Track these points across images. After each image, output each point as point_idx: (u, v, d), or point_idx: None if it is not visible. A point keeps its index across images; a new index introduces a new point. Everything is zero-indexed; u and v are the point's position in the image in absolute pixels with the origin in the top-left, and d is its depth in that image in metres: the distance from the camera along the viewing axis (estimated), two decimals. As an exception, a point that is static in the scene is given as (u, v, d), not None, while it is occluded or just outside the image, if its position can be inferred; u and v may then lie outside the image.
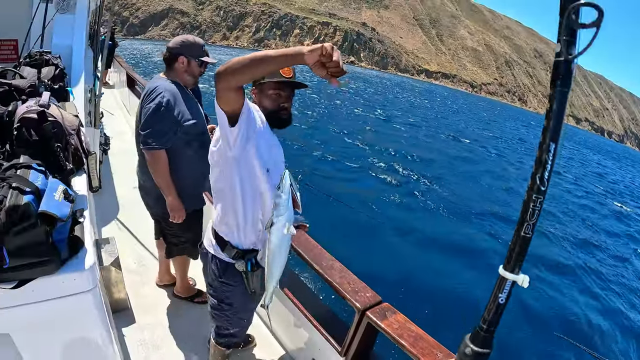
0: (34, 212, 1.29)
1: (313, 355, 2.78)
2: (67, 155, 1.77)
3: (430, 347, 2.02)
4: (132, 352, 2.80)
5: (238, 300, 2.20)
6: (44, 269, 1.36)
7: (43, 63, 2.72)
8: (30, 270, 1.33)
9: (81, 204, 1.81)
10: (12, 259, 1.27)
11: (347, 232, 8.60)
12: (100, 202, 4.49)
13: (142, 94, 2.73)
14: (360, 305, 2.28)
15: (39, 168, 1.47)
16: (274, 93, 1.97)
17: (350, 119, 26.29)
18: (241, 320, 2.34)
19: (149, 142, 2.56)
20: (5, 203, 1.24)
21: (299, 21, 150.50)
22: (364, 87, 59.63)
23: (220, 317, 2.27)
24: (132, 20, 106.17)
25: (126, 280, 3.29)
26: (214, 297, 2.21)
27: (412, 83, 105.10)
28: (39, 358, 1.60)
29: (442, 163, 18.46)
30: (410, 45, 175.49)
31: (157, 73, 2.98)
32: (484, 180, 16.78)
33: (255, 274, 2.10)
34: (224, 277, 2.13)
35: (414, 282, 7.50)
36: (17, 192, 1.28)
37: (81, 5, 4.06)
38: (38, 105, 1.70)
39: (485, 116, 64.90)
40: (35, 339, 1.54)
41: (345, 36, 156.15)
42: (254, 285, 2.12)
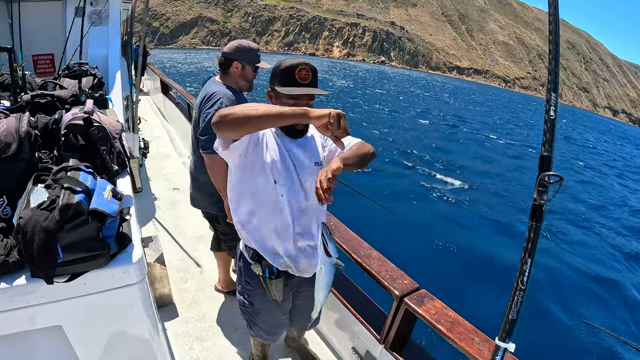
0: (85, 210, 1.38)
1: (352, 344, 2.81)
2: (112, 157, 1.87)
3: (467, 332, 2.04)
4: (177, 344, 2.90)
5: (259, 302, 2.18)
6: (95, 263, 1.45)
7: (82, 74, 2.84)
8: (83, 264, 1.43)
9: (127, 203, 1.92)
10: (65, 254, 1.37)
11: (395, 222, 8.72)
12: (140, 203, 4.69)
13: (200, 99, 2.75)
14: (398, 292, 2.30)
15: (87, 170, 1.57)
16: (291, 101, 1.82)
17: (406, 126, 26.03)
18: (265, 323, 2.29)
19: (208, 147, 2.58)
20: (59, 202, 1.33)
21: (327, 23, 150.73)
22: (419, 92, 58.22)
23: (244, 313, 2.29)
24: (162, 30, 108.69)
25: (169, 276, 3.42)
26: (239, 292, 2.24)
27: (443, 80, 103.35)
28: (89, 348, 1.69)
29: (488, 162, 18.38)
30: (440, 42, 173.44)
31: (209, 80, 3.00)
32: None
33: (274, 282, 2.04)
34: (245, 276, 2.15)
35: (453, 270, 7.59)
36: (69, 192, 1.38)
37: (113, 17, 4.25)
38: (83, 112, 1.81)
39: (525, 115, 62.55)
40: (85, 330, 1.63)
41: (374, 36, 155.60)
42: (274, 294, 2.07)
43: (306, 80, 1.80)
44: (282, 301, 2.12)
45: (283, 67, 1.81)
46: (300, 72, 1.78)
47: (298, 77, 1.78)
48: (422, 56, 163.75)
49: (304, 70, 1.78)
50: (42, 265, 1.34)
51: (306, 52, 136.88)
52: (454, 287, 6.74)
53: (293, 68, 1.78)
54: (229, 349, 2.94)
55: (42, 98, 2.10)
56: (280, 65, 1.84)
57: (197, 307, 3.28)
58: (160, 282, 3.06)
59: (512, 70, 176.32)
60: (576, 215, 12.95)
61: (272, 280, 2.03)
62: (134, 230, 1.73)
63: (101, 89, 3.00)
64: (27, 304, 1.43)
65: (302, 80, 1.79)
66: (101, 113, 2.07)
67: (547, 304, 7.08)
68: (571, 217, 12.54)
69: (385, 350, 2.48)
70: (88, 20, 3.92)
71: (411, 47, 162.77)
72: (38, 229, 1.30)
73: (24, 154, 1.67)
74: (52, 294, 1.45)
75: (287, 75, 1.79)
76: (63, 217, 1.33)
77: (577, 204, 14.43)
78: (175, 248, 4.06)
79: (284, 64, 1.82)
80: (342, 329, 2.95)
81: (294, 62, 1.80)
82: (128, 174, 2.28)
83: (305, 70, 1.79)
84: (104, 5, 4.22)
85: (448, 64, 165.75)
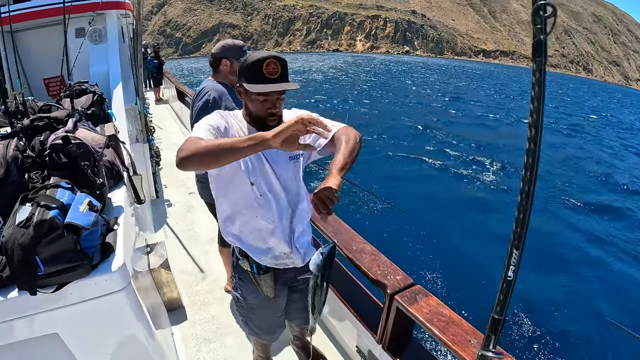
0: (60, 224, 1.47)
1: (357, 343, 2.79)
2: (96, 170, 1.96)
3: (464, 334, 1.93)
4: (185, 347, 3.01)
5: (252, 298, 2.16)
6: (77, 273, 1.53)
7: (75, 93, 2.98)
8: (64, 275, 1.51)
9: (116, 213, 2.02)
10: (46, 266, 1.46)
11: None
12: (156, 209, 4.87)
13: (193, 97, 3.00)
14: (389, 290, 2.23)
15: (66, 186, 1.66)
16: (261, 98, 1.75)
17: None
18: (259, 319, 2.27)
19: None
20: (33, 219, 1.43)
21: (348, 18, 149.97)
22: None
23: (239, 308, 2.29)
24: (185, 40, 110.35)
25: (179, 280, 3.55)
26: (233, 287, 2.26)
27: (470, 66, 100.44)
28: (87, 354, 1.78)
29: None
30: (463, 26, 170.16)
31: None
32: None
33: (263, 278, 2.02)
34: (237, 271, 2.16)
35: (462, 263, 7.37)
36: (43, 209, 1.47)
37: (112, 34, 4.42)
38: (64, 131, 1.91)
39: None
40: (81, 336, 1.73)
41: (396, 27, 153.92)
42: (265, 289, 2.06)
43: (275, 75, 1.70)
44: (274, 297, 2.11)
45: (250, 62, 1.71)
46: (268, 66, 1.68)
47: (266, 72, 1.68)
48: (446, 42, 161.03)
49: (272, 64, 1.68)
50: (23, 279, 1.44)
51: (329, 49, 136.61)
52: (461, 282, 6.52)
53: (260, 62, 1.68)
54: (236, 350, 3.01)
55: (40, 121, 2.22)
56: (247, 59, 1.75)
57: (206, 310, 3.38)
58: (168, 287, 3.16)
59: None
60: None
61: (260, 275, 2.02)
62: (121, 239, 1.81)
63: (102, 105, 3.14)
64: (23, 314, 1.53)
65: (271, 75, 1.69)
66: (86, 129, 2.17)
67: (571, 303, 6.87)
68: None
69: (383, 350, 2.43)
70: (89, 39, 4.10)
71: (434, 35, 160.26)
72: (16, 245, 1.40)
73: (12, 177, 1.79)
74: (44, 304, 1.54)
75: (255, 70, 1.70)
76: (38, 232, 1.42)
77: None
78: (187, 252, 4.19)
79: (250, 58, 1.72)
80: (346, 328, 2.94)
81: (260, 55, 1.70)
82: (124, 185, 2.38)
83: (274, 63, 1.69)
84: (103, 24, 4.41)
85: (473, 48, 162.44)
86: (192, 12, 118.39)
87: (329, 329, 3.19)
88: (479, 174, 13.18)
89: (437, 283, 5.95)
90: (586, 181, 14.05)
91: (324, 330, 3.19)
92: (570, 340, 5.83)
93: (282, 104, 1.86)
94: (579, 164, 16.41)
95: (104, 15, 4.83)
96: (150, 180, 4.99)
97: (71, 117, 2.37)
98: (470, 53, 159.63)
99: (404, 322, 2.29)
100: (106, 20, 4.78)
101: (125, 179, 2.43)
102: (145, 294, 2.19)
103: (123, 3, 5.41)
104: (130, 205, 2.44)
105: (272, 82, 1.70)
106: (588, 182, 14.00)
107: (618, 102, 57.02)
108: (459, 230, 8.89)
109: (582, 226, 10.02)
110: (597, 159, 18.02)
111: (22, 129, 2.10)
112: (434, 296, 2.22)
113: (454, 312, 2.08)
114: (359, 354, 2.75)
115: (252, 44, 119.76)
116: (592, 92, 69.71)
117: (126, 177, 2.47)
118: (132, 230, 2.34)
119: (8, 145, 1.85)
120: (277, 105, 1.80)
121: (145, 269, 2.76)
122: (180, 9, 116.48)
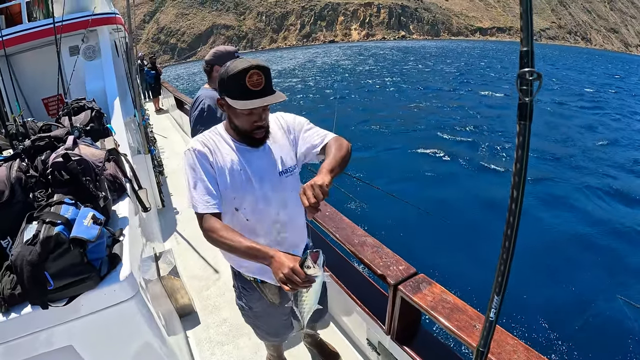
0: (66, 239, 1.53)
1: (367, 336, 2.81)
2: (98, 185, 2.01)
3: (468, 319, 1.94)
4: (199, 351, 3.07)
5: (257, 306, 2.17)
6: (86, 285, 1.59)
7: (73, 111, 3.05)
8: (74, 287, 1.57)
9: (121, 225, 2.07)
10: (56, 281, 1.51)
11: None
12: (164, 217, 4.95)
13: (190, 105, 3.08)
14: (391, 280, 2.24)
15: (69, 202, 1.71)
16: (245, 112, 1.65)
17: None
18: (266, 325, 2.29)
19: None
20: (40, 236, 1.49)
21: (341, 8, 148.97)
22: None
23: (245, 317, 2.32)
24: (180, 45, 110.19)
25: (190, 286, 3.61)
26: (237, 297, 2.26)
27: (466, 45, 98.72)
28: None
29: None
30: (457, 6, 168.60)
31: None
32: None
33: (267, 286, 2.04)
34: (239, 281, 2.15)
35: (468, 249, 7.33)
36: (49, 225, 1.53)
37: (105, 49, 4.49)
38: (64, 149, 1.97)
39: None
40: (95, 347, 1.78)
41: (390, 12, 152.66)
42: (270, 297, 2.06)
43: (259, 87, 1.58)
44: (280, 302, 2.11)
45: (231, 74, 1.59)
46: (250, 78, 1.56)
47: (249, 84, 1.57)
48: (441, 24, 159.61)
49: (255, 75, 1.56)
50: (35, 294, 1.50)
51: (325, 40, 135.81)
52: (466, 268, 6.55)
53: (242, 75, 1.56)
54: (249, 351, 3.06)
55: (41, 141, 2.27)
56: (227, 71, 1.62)
57: (218, 313, 3.44)
58: (179, 293, 3.22)
59: (536, 22, 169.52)
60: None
61: (264, 284, 2.05)
62: (127, 249, 1.86)
63: (101, 120, 3.19)
64: (37, 329, 1.58)
65: (255, 86, 1.57)
66: (86, 145, 2.23)
67: (580, 278, 6.80)
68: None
69: (392, 341, 2.44)
70: (83, 56, 4.16)
71: (429, 17, 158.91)
72: (25, 262, 1.46)
73: (17, 197, 1.84)
74: (57, 318, 1.59)
75: (237, 84, 1.58)
76: (45, 248, 1.48)
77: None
78: (197, 257, 4.26)
79: (230, 69, 1.60)
80: (355, 322, 2.95)
81: (241, 66, 1.57)
82: (128, 196, 2.43)
83: (257, 74, 1.57)
84: (95, 40, 4.48)
85: (469, 27, 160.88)
86: (184, 17, 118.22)
87: (339, 324, 3.22)
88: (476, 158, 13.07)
89: (441, 271, 5.93)
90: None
91: (335, 325, 3.23)
92: (584, 317, 5.84)
93: (268, 113, 1.80)
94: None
95: (95, 32, 4.90)
96: (155, 190, 5.06)
97: (70, 134, 2.42)
98: (466, 32, 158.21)
99: (410, 312, 2.29)
100: (98, 36, 4.87)
101: (128, 190, 2.49)
102: (156, 302, 2.24)
103: (113, 18, 5.48)
104: (136, 215, 2.49)
105: (257, 95, 1.59)
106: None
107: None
108: (461, 216, 8.82)
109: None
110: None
111: (23, 150, 2.15)
112: (438, 284, 2.23)
113: (459, 299, 2.09)
114: (370, 346, 2.78)
115: (247, 43, 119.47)
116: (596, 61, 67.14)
117: (129, 188, 2.53)
118: (139, 240, 2.39)
119: (11, 167, 1.90)
120: (262, 117, 1.72)
121: (155, 277, 2.81)
122: (172, 15, 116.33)
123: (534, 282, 6.44)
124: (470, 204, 9.61)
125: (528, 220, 8.34)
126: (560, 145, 14.74)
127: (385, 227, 7.62)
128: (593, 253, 7.56)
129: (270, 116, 1.91)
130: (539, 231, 8.07)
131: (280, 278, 1.43)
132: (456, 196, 10.02)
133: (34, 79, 4.66)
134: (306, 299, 1.62)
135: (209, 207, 1.70)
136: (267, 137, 1.81)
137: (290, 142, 1.92)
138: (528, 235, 7.57)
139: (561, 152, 13.68)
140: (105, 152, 2.26)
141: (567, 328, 5.53)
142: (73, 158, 1.91)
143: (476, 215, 8.94)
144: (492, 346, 1.74)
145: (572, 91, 28.40)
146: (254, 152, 1.80)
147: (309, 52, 77.72)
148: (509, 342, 1.80)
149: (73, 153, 1.95)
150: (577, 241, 8.00)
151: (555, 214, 8.98)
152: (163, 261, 3.16)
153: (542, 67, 47.71)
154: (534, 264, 6.86)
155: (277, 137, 1.89)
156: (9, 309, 1.55)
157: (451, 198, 9.89)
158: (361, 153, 13.22)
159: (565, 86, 31.11)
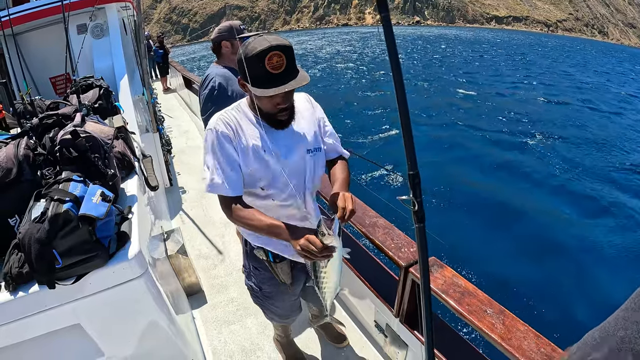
0: (74, 216, 1.51)
1: (375, 318, 2.81)
2: (107, 162, 1.99)
3: (479, 303, 1.93)
4: (206, 330, 3.08)
5: (267, 286, 2.14)
6: (94, 264, 1.58)
7: (82, 89, 3.01)
8: (83, 266, 1.55)
9: (130, 202, 2.05)
10: (64, 259, 1.50)
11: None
12: (171, 196, 4.97)
13: (199, 84, 2.99)
14: (402, 262, 2.21)
15: (78, 179, 1.69)
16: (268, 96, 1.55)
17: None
18: (276, 307, 2.26)
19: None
20: (48, 214, 1.47)
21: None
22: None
23: (255, 297, 2.28)
24: (192, 26, 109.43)
25: (198, 265, 3.62)
26: (247, 277, 2.23)
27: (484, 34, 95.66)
28: (111, 342, 1.84)
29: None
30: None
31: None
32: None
33: (280, 266, 2.00)
34: (251, 261, 2.11)
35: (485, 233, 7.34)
36: (57, 203, 1.51)
37: (113, 27, 4.44)
38: (72, 126, 1.94)
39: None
40: (103, 325, 1.78)
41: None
42: (282, 277, 2.03)
43: (280, 69, 1.46)
44: (291, 283, 2.09)
45: (250, 56, 1.46)
46: (270, 59, 1.44)
47: (269, 67, 1.44)
48: (457, 10, 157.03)
49: (275, 56, 1.44)
50: (42, 273, 1.48)
51: (339, 24, 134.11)
52: (477, 252, 6.52)
53: (261, 56, 1.43)
54: (256, 330, 3.06)
55: (49, 118, 2.25)
56: (246, 51, 1.49)
57: (225, 292, 3.44)
58: (187, 272, 3.22)
59: (553, 13, 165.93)
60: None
61: (277, 264, 2.00)
62: (136, 227, 1.84)
63: (109, 98, 3.17)
64: (45, 307, 1.58)
65: (275, 69, 1.46)
66: (94, 122, 2.20)
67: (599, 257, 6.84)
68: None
69: (400, 324, 2.44)
70: (90, 34, 4.13)
71: (445, 3, 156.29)
72: (32, 240, 1.44)
73: (25, 176, 1.83)
74: (65, 296, 1.59)
75: (256, 67, 1.46)
76: (53, 226, 1.46)
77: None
78: (203, 237, 4.26)
79: (249, 50, 1.47)
80: (363, 303, 2.94)
81: (261, 47, 1.44)
82: (136, 174, 2.42)
83: (277, 55, 1.44)
84: (104, 19, 4.44)
85: (485, 14, 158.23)
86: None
87: (347, 306, 3.22)
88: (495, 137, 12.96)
89: (452, 254, 5.80)
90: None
91: (342, 307, 3.23)
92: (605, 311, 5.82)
93: (293, 93, 1.69)
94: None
95: (104, 10, 4.86)
96: (163, 168, 5.05)
97: (78, 111, 2.40)
98: (482, 20, 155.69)
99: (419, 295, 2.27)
100: (106, 14, 4.82)
101: (137, 168, 2.47)
102: (164, 280, 2.24)
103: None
104: (144, 194, 2.48)
105: (278, 78, 1.47)
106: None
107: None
108: (473, 197, 8.78)
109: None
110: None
111: (31, 127, 2.13)
112: (449, 267, 2.20)
113: (470, 283, 2.08)
114: (377, 328, 2.78)
115: (259, 25, 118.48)
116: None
117: (137, 166, 2.51)
118: (147, 218, 2.38)
119: (19, 145, 1.89)
120: (286, 99, 1.61)
121: (163, 255, 2.80)
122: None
123: (555, 273, 6.46)
124: (484, 184, 9.57)
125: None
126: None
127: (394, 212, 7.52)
128: (616, 247, 7.55)
129: (299, 95, 1.87)
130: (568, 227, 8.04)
131: (297, 250, 1.47)
132: (474, 178, 10.00)
133: (42, 57, 4.64)
134: (325, 278, 1.61)
135: (229, 190, 1.66)
136: (292, 118, 1.72)
137: (316, 124, 1.87)
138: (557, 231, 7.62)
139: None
140: (114, 129, 2.22)
141: (580, 318, 5.52)
142: (81, 135, 1.89)
143: (489, 199, 8.89)
144: (502, 332, 1.76)
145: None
146: (280, 131, 1.72)
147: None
148: (519, 327, 1.79)
149: (81, 130, 1.93)
150: (604, 232, 8.01)
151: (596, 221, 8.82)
152: (171, 240, 3.15)
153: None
154: (558, 259, 6.86)
155: (305, 115, 1.84)
156: (17, 288, 1.54)
157: (467, 179, 9.88)
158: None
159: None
